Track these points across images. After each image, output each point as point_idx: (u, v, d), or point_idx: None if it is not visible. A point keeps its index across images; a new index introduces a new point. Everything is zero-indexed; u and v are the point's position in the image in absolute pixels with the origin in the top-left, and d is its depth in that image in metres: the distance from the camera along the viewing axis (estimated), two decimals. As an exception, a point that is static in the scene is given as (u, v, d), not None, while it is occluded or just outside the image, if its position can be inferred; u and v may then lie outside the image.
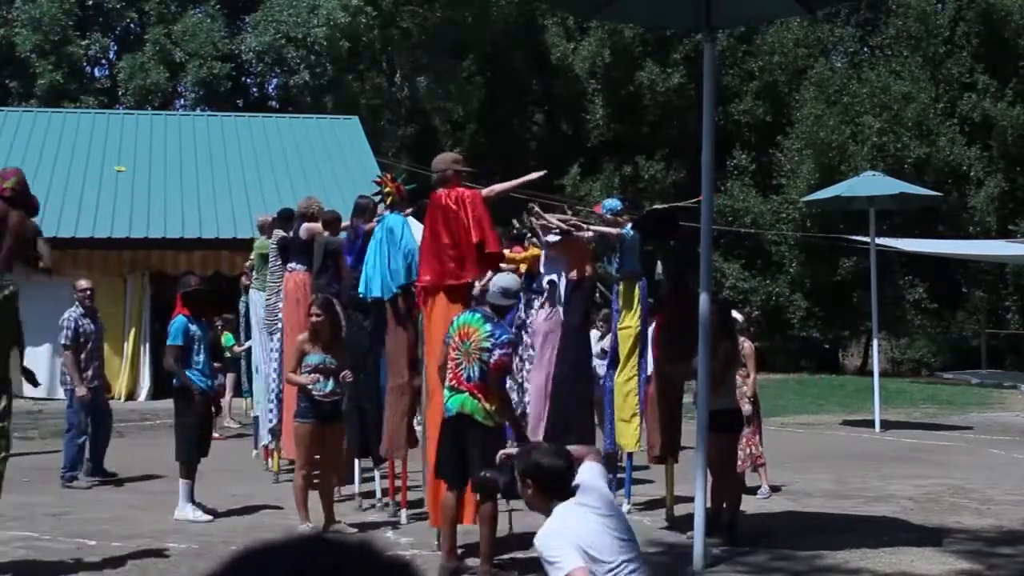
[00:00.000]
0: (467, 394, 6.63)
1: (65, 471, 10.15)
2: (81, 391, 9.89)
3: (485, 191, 7.62)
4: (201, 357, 8.64)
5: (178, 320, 8.61)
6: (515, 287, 7.07)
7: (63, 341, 10.05)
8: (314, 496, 8.08)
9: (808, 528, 8.23)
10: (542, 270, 10.13)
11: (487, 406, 6.60)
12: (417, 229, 9.14)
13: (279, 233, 10.15)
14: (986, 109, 27.15)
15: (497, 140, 30.14)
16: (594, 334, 10.25)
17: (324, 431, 7.97)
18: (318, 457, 8.04)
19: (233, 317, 13.74)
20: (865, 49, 31.33)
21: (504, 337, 6.70)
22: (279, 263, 10.04)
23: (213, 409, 9.25)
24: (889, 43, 28.96)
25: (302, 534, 1.16)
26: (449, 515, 6.78)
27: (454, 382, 6.71)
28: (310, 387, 7.87)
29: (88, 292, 10.32)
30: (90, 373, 10.14)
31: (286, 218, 10.31)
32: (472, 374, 6.64)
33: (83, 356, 10.10)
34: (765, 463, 9.53)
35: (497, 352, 6.58)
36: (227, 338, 14.43)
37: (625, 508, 8.85)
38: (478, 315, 6.80)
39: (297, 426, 8.05)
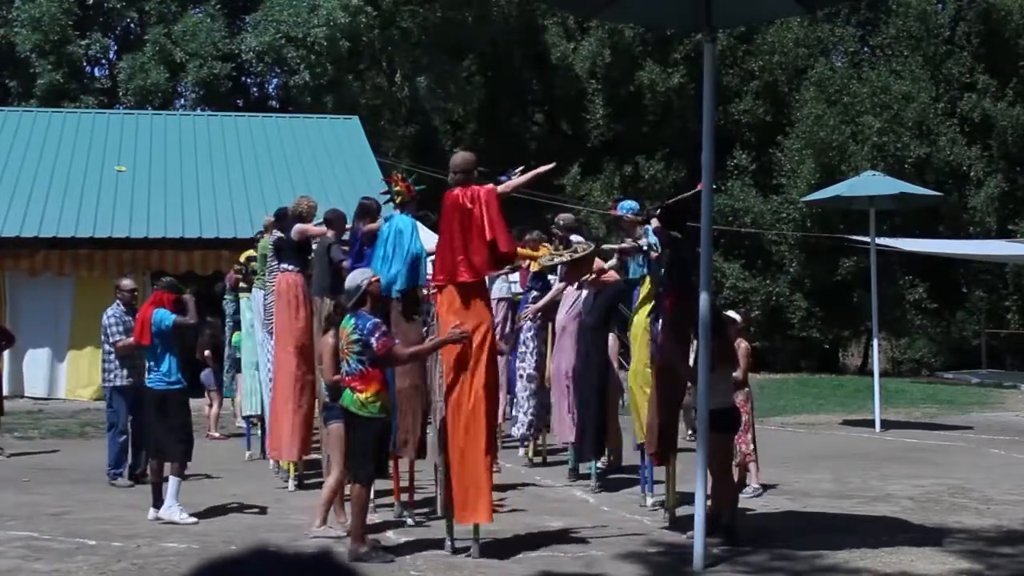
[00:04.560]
0: (347, 388, 7.17)
1: (110, 469, 10.34)
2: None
3: (500, 188, 7.54)
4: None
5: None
6: (355, 281, 7.35)
7: (114, 338, 10.28)
8: (313, 496, 8.03)
9: (808, 528, 8.22)
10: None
11: (361, 396, 7.09)
12: (426, 234, 9.15)
13: (277, 233, 10.13)
14: (986, 109, 27.16)
15: (497, 140, 30.09)
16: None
17: None
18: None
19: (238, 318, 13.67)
20: (865, 49, 31.32)
21: (369, 324, 7.16)
22: (276, 263, 10.02)
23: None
24: (889, 43, 28.95)
25: (253, 548, 1.11)
26: (359, 502, 7.23)
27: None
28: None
29: (135, 292, 10.75)
30: (126, 371, 10.34)
31: (281, 217, 10.28)
32: (347, 368, 7.19)
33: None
34: (755, 460, 9.54)
35: (372, 340, 7.09)
36: (236, 338, 14.32)
37: (649, 502, 8.88)
38: (347, 316, 7.31)
39: (333, 428, 7.82)
